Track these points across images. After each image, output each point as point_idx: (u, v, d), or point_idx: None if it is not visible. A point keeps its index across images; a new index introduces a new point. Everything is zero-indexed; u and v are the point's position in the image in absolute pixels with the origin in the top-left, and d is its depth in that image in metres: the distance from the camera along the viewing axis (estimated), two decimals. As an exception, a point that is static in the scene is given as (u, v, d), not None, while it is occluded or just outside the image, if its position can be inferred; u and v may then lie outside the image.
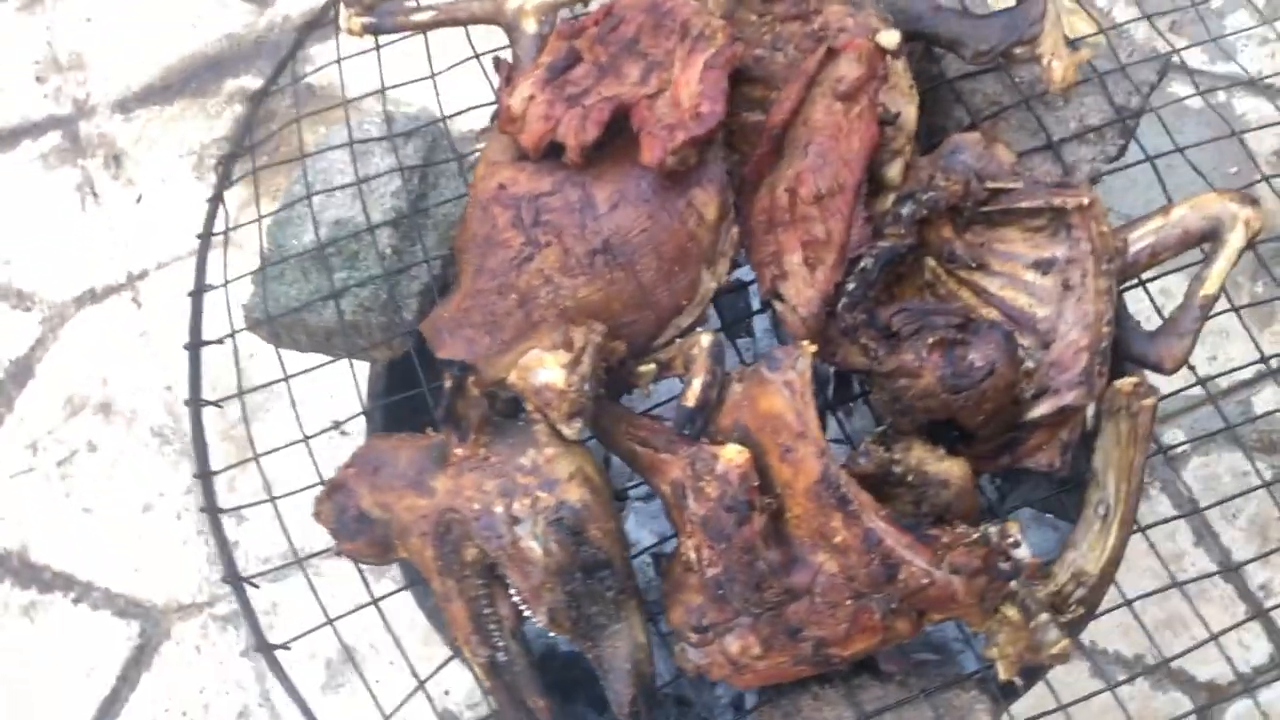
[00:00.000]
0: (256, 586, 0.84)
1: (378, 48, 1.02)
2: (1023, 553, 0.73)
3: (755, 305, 1.14)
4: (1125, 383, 0.80)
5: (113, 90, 1.95)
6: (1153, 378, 0.85)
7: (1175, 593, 0.85)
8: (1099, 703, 0.82)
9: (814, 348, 0.78)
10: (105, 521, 1.65)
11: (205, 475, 0.87)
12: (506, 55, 0.93)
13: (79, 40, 2.00)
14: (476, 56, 1.04)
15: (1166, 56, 0.98)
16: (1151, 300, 0.93)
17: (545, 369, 0.77)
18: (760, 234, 0.86)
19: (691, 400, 0.79)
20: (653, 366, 0.84)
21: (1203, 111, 1.54)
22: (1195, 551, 1.49)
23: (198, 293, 0.92)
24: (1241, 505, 1.50)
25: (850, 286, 0.83)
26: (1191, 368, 0.90)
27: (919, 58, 0.98)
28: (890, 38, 0.83)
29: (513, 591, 0.78)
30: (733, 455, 0.76)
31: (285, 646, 0.82)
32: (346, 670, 1.51)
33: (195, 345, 0.90)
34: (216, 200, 0.97)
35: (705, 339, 0.81)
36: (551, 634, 0.78)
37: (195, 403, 0.88)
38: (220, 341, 0.92)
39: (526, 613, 0.78)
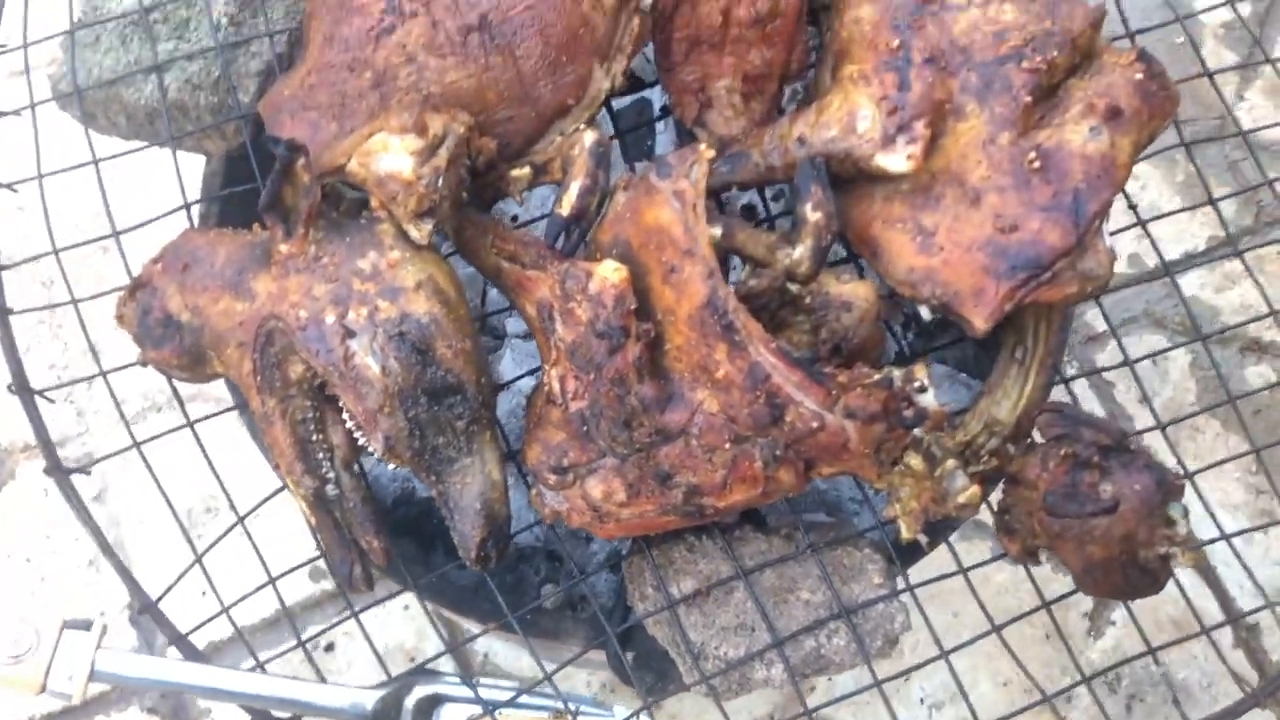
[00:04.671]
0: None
1: None
2: (928, 400, 0.64)
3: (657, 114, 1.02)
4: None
5: None
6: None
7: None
8: (1001, 579, 0.74)
9: (712, 153, 0.67)
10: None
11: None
12: None
13: None
14: None
15: None
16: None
17: (391, 154, 0.65)
18: (682, 53, 0.75)
19: (566, 207, 0.68)
20: (527, 170, 0.72)
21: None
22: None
23: (-11, 51, 0.77)
24: (1158, 388, 1.45)
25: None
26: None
27: None
28: None
29: (346, 416, 0.67)
30: (608, 273, 0.65)
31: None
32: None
33: (-13, 114, 0.75)
34: (16, -58, 0.80)
35: (588, 137, 0.69)
36: (392, 465, 0.67)
37: (-19, 182, 0.74)
38: (17, 114, 0.77)
39: (362, 441, 0.67)
